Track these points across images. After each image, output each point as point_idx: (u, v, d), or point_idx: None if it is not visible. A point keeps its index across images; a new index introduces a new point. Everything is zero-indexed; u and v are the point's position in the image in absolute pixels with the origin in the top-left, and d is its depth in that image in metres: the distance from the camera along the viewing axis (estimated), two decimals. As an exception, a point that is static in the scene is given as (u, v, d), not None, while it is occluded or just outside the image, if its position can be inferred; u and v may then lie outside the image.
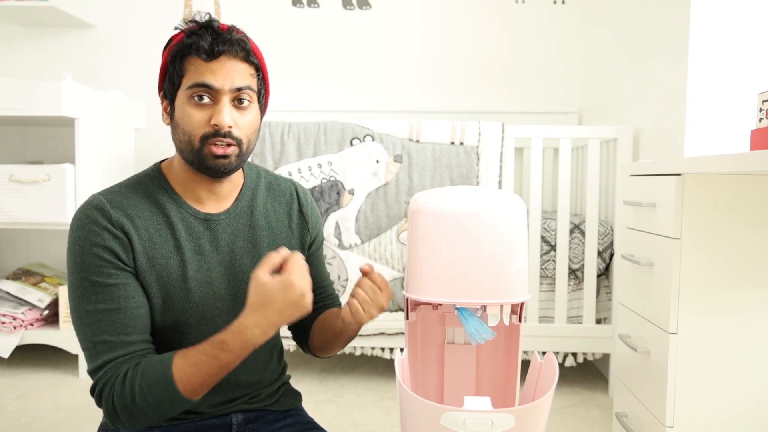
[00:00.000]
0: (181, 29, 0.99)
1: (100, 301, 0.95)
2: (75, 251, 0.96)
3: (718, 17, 1.65)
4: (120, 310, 0.95)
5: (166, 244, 1.00)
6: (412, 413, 0.82)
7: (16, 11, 2.59)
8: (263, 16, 2.79)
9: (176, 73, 0.98)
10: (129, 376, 0.93)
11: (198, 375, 0.93)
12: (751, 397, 1.25)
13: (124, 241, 0.97)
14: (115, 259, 0.96)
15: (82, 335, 0.96)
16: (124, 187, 1.02)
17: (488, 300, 0.93)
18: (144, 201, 1.01)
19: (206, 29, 0.97)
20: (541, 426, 0.83)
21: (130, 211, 0.99)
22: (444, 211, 0.95)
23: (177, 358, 0.94)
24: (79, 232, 0.96)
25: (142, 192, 1.02)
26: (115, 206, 0.98)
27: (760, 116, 1.20)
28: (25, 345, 2.45)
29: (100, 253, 0.95)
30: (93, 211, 0.97)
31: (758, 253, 1.23)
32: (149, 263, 0.98)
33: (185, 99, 0.97)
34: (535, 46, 2.73)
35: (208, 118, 0.97)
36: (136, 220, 0.99)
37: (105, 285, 0.95)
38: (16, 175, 2.13)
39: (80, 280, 0.95)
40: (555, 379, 0.86)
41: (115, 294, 0.95)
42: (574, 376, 2.30)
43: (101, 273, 0.95)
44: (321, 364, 2.39)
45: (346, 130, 2.09)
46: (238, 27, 1.01)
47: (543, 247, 2.11)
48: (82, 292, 0.95)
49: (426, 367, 1.17)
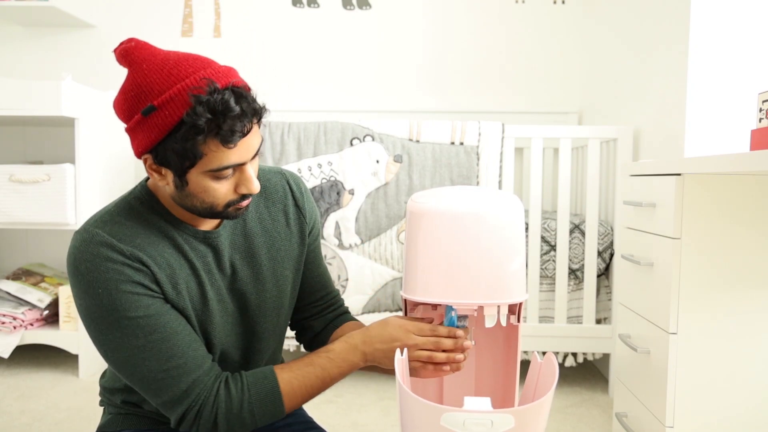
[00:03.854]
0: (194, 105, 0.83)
1: (150, 333, 0.89)
2: (97, 295, 0.88)
3: (718, 17, 1.65)
4: (177, 333, 0.92)
5: (183, 268, 0.95)
6: (412, 413, 0.82)
7: (16, 11, 2.59)
8: (263, 16, 2.79)
9: (189, 154, 0.85)
10: (234, 392, 0.94)
11: (303, 387, 0.97)
12: (751, 397, 1.25)
13: (147, 273, 0.90)
14: (146, 290, 0.90)
15: (142, 371, 0.91)
16: (118, 215, 0.94)
17: (485, 300, 0.93)
18: (145, 228, 0.94)
19: (226, 113, 0.84)
20: (541, 426, 0.83)
21: (138, 240, 0.91)
22: (441, 211, 0.95)
23: (281, 371, 0.98)
24: (95, 275, 0.88)
25: (139, 218, 0.94)
26: (121, 239, 0.90)
27: (760, 116, 1.20)
28: (25, 345, 2.45)
29: (129, 289, 0.88)
30: (101, 249, 0.89)
31: (758, 253, 1.23)
32: (175, 290, 0.94)
33: (202, 175, 0.88)
34: (535, 46, 2.73)
35: (233, 187, 0.91)
36: (148, 249, 0.92)
37: (147, 316, 0.89)
38: (16, 175, 2.13)
39: (115, 321, 0.89)
40: (555, 379, 0.86)
41: (162, 320, 0.91)
42: (574, 376, 2.30)
43: (138, 307, 0.89)
44: (321, 364, 2.39)
45: (346, 130, 2.09)
46: (242, 79, 0.90)
47: (543, 247, 2.11)
48: (124, 332, 0.89)
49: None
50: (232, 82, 0.87)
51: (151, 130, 0.85)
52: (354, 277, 2.08)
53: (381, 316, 2.09)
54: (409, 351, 0.97)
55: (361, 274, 2.08)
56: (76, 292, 0.91)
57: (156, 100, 0.84)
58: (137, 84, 0.86)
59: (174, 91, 0.84)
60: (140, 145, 0.88)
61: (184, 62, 0.87)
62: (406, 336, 0.98)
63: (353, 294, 2.08)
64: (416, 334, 0.98)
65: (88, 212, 2.22)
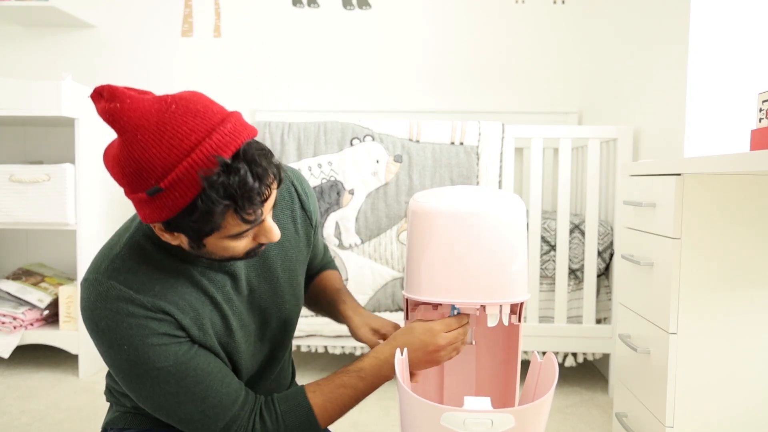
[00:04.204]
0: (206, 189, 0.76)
1: (181, 378, 0.88)
2: (123, 351, 0.85)
3: (718, 17, 1.65)
4: (208, 373, 0.90)
5: (205, 305, 0.92)
6: (412, 413, 0.82)
7: (16, 11, 2.59)
8: (263, 16, 2.79)
9: (205, 230, 0.81)
10: (269, 423, 0.94)
11: (337, 409, 0.98)
12: (751, 397, 1.25)
13: (171, 321, 0.88)
14: (172, 339, 0.88)
15: (178, 414, 0.90)
16: (129, 260, 0.88)
17: (487, 300, 0.93)
18: (160, 271, 0.89)
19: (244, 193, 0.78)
20: (541, 426, 0.83)
21: (157, 287, 0.87)
22: (443, 211, 0.95)
23: (313, 396, 0.98)
24: (117, 332, 0.85)
25: (151, 260, 0.89)
26: (139, 290, 0.86)
27: (760, 116, 1.20)
28: (25, 345, 2.45)
29: (155, 342, 0.86)
30: (120, 305, 0.85)
31: (758, 253, 1.23)
32: (201, 331, 0.91)
33: (220, 239, 0.84)
34: (535, 45, 2.73)
35: (252, 238, 0.88)
36: (168, 295, 0.88)
37: (177, 364, 0.87)
38: (16, 175, 2.13)
39: (144, 373, 0.86)
40: (555, 379, 0.86)
41: (193, 363, 0.89)
42: (574, 376, 2.30)
43: (166, 357, 0.87)
44: (321, 364, 2.39)
45: (346, 130, 2.09)
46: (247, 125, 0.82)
47: (543, 247, 2.11)
48: (155, 381, 0.87)
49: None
50: (242, 146, 0.78)
51: (160, 210, 0.78)
52: (354, 277, 2.08)
53: (381, 315, 2.09)
54: (443, 350, 0.99)
55: (361, 274, 2.08)
56: (99, 346, 0.88)
57: (162, 182, 0.76)
58: (135, 159, 0.76)
59: (180, 170, 0.75)
60: (147, 217, 0.81)
61: (183, 126, 0.76)
62: (436, 337, 0.98)
63: (353, 294, 2.08)
64: (445, 332, 0.99)
65: (88, 212, 2.22)
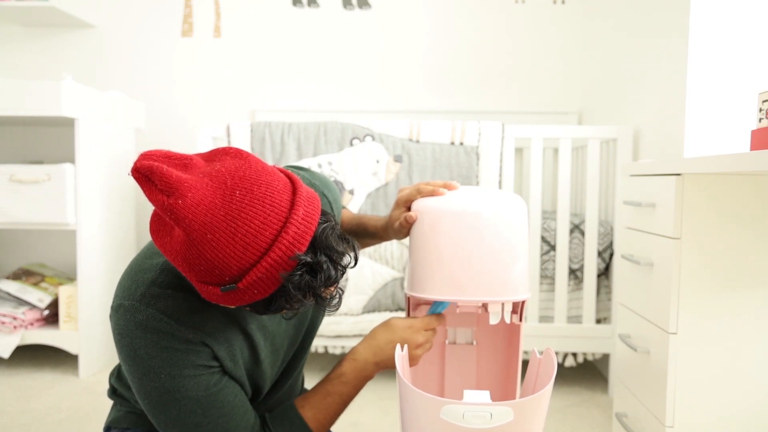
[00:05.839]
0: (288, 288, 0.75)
1: (208, 409, 0.90)
2: (159, 379, 0.86)
3: (718, 17, 1.65)
4: (234, 407, 0.93)
5: (236, 336, 0.93)
6: (413, 407, 0.82)
7: (16, 11, 2.59)
8: (263, 16, 2.79)
9: (279, 311, 0.81)
10: None
11: (328, 417, 1.00)
12: (751, 397, 1.25)
13: (209, 352, 0.89)
14: (207, 369, 0.90)
15: None
16: (167, 287, 0.87)
17: (490, 298, 0.93)
18: (198, 300, 0.88)
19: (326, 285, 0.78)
20: (540, 420, 0.83)
21: (196, 318, 0.88)
22: (446, 210, 0.95)
23: (304, 411, 1.00)
24: (156, 361, 0.86)
25: (189, 288, 0.88)
26: (179, 320, 0.86)
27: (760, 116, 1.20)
28: (25, 345, 2.45)
29: (191, 373, 0.88)
30: (162, 336, 0.85)
31: (758, 253, 1.23)
32: (233, 362, 0.93)
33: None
34: (536, 45, 2.73)
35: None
36: (206, 327, 0.88)
37: (207, 395, 0.89)
38: (16, 175, 2.13)
39: (174, 401, 0.88)
40: (553, 372, 0.86)
41: (221, 395, 0.91)
42: (574, 376, 2.30)
43: (199, 387, 0.89)
44: (321, 364, 2.39)
45: (346, 130, 2.09)
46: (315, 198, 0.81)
47: (543, 247, 2.11)
48: (182, 410, 0.89)
49: (427, 366, 1.17)
50: (317, 232, 0.77)
51: (233, 300, 0.77)
52: (354, 277, 2.07)
53: (381, 315, 2.10)
54: (421, 348, 1.00)
55: (361, 274, 2.08)
56: (133, 372, 0.88)
57: (239, 283, 0.74)
58: (206, 259, 0.73)
59: (260, 270, 0.74)
60: (213, 300, 0.79)
61: (254, 219, 0.73)
62: (416, 335, 1.00)
63: (353, 294, 2.08)
64: (425, 329, 1.01)
65: (88, 212, 2.22)
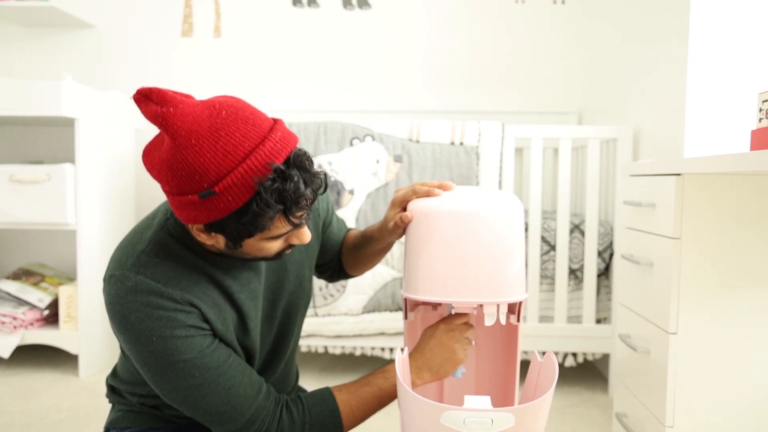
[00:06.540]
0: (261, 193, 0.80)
1: (205, 370, 0.90)
2: (151, 343, 0.87)
3: (718, 17, 1.65)
4: (231, 366, 0.93)
5: (225, 305, 0.95)
6: (413, 412, 0.82)
7: (16, 11, 2.59)
8: (263, 16, 2.79)
9: (250, 231, 0.85)
10: (296, 415, 0.96)
11: (361, 407, 1.00)
12: (751, 397, 1.25)
13: (198, 313, 0.91)
14: (198, 331, 0.90)
15: (203, 406, 0.92)
16: (155, 256, 0.91)
17: (485, 299, 0.93)
18: (185, 268, 0.92)
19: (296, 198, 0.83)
20: (541, 425, 0.83)
21: (184, 282, 0.90)
22: (442, 210, 0.95)
23: (339, 393, 1.00)
24: (147, 323, 0.87)
25: (177, 258, 0.92)
26: (167, 283, 0.89)
27: (760, 116, 1.20)
28: (25, 345, 2.45)
29: (182, 333, 0.88)
30: (150, 298, 0.87)
31: (758, 253, 1.23)
32: (224, 327, 0.94)
33: (259, 240, 0.89)
34: (536, 45, 2.73)
35: (284, 241, 0.92)
36: (194, 290, 0.91)
37: (202, 356, 0.90)
38: (16, 175, 2.13)
39: (170, 365, 0.89)
40: (555, 378, 0.86)
41: (216, 355, 0.92)
42: (574, 376, 2.30)
43: (192, 348, 0.89)
44: (321, 364, 2.39)
45: (346, 130, 2.09)
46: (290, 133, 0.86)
47: (543, 247, 2.11)
48: (179, 374, 0.89)
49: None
50: (292, 153, 0.83)
51: (209, 212, 0.82)
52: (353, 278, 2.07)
53: (381, 315, 2.10)
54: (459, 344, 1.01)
55: (361, 274, 2.08)
56: (127, 339, 0.89)
57: (216, 186, 0.79)
58: (189, 163, 0.79)
59: (236, 176, 0.79)
60: (191, 218, 0.84)
61: (236, 133, 0.80)
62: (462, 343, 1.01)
63: (353, 294, 2.08)
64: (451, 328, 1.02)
65: (88, 212, 2.22)
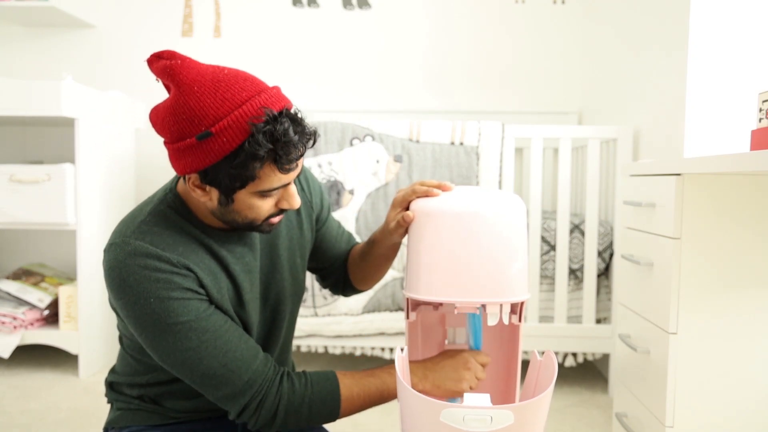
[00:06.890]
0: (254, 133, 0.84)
1: (202, 333, 0.92)
2: (149, 305, 0.90)
3: (718, 17, 1.65)
4: (227, 330, 0.95)
5: (221, 275, 0.98)
6: (412, 410, 0.82)
7: (16, 11, 2.59)
8: (263, 16, 2.79)
9: (243, 178, 0.88)
10: (297, 385, 0.97)
11: (361, 394, 1.00)
12: (751, 397, 1.25)
13: (194, 277, 0.93)
14: (194, 294, 0.93)
15: (200, 369, 0.93)
16: (155, 226, 0.94)
17: (488, 299, 0.93)
18: (183, 237, 0.95)
19: (286, 142, 0.86)
20: (541, 423, 0.83)
21: (181, 249, 0.93)
22: (444, 210, 0.95)
23: (342, 377, 1.00)
24: (145, 285, 0.89)
25: (175, 228, 0.95)
26: (165, 248, 0.92)
27: (760, 116, 1.20)
28: (25, 345, 2.45)
29: (178, 296, 0.91)
30: (147, 260, 0.90)
31: (758, 253, 1.23)
32: (219, 293, 0.96)
33: (250, 195, 0.91)
34: (536, 46, 2.73)
35: (275, 203, 0.95)
36: (191, 256, 0.94)
37: (198, 319, 0.92)
38: (16, 175, 2.13)
39: (167, 327, 0.90)
40: (554, 375, 0.86)
41: (212, 319, 0.93)
42: (574, 376, 2.30)
43: (189, 311, 0.91)
44: (321, 364, 2.40)
45: (346, 130, 2.09)
46: (289, 99, 0.91)
47: (543, 247, 2.11)
48: (177, 336, 0.91)
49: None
50: (285, 107, 0.88)
51: (206, 155, 0.86)
52: (354, 277, 2.08)
53: (381, 315, 2.10)
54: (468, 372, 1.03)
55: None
56: (124, 303, 0.91)
57: (213, 127, 0.84)
58: (190, 107, 0.84)
59: (232, 118, 0.84)
60: (188, 166, 0.88)
61: (235, 85, 0.86)
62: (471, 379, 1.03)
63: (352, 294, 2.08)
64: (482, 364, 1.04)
65: (88, 212, 2.22)
